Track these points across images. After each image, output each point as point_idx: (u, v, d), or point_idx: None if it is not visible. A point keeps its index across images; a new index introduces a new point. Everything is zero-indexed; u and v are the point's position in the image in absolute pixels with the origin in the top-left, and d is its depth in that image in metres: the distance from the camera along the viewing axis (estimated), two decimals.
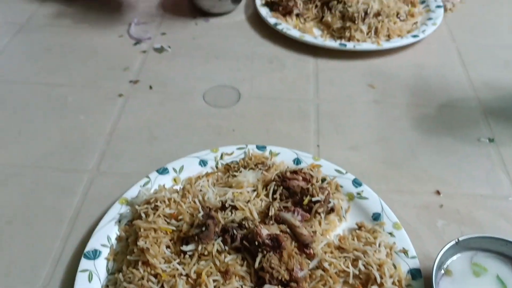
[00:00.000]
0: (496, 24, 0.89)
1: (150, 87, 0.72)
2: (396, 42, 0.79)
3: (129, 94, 0.70)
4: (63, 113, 0.66)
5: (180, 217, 0.49)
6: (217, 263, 0.44)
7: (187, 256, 0.45)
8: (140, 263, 0.45)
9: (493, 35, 0.86)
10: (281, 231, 0.47)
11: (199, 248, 0.45)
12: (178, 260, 0.45)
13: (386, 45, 0.79)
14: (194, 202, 0.50)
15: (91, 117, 0.66)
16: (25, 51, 0.79)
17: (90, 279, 0.45)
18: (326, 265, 0.45)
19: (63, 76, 0.73)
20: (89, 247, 0.47)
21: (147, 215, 0.49)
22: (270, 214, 0.48)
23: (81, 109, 0.67)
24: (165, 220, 0.49)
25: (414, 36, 0.81)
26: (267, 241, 0.45)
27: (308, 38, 0.80)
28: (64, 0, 0.91)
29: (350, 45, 0.78)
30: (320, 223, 0.50)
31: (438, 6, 0.88)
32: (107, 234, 0.49)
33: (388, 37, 0.81)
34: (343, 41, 0.80)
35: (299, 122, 0.66)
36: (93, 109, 0.67)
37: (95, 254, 0.47)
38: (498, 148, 0.63)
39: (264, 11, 0.86)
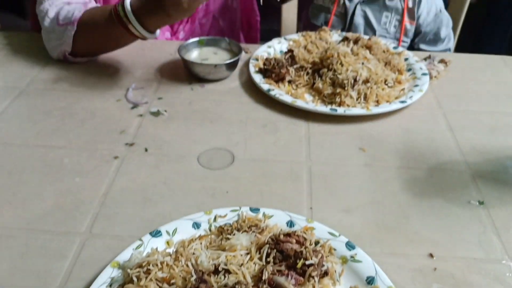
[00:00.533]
0: (479, 91, 0.93)
1: (146, 150, 0.73)
2: (384, 108, 0.82)
3: (125, 157, 0.71)
4: (58, 176, 0.67)
5: (172, 281, 0.48)
6: None
7: None
8: None
9: (477, 101, 0.90)
10: None
11: None
12: None
13: (375, 110, 0.81)
14: (187, 265, 0.50)
15: (86, 179, 0.67)
16: (24, 114, 0.81)
17: None
18: None
19: (60, 139, 0.75)
20: None
21: (139, 279, 0.48)
22: (263, 278, 0.48)
23: (76, 172, 0.68)
24: (157, 284, 0.48)
25: (402, 102, 0.84)
26: None
27: (300, 103, 0.83)
28: (64, 64, 0.95)
29: (340, 110, 0.81)
30: (314, 287, 0.49)
31: (424, 74, 0.93)
32: None
33: (377, 102, 0.84)
34: (333, 106, 0.83)
35: (292, 184, 0.67)
36: (89, 172, 0.68)
37: None
38: (488, 210, 0.63)
39: (257, 78, 0.90)
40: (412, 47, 1.22)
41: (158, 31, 0.87)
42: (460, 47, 1.28)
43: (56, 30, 0.92)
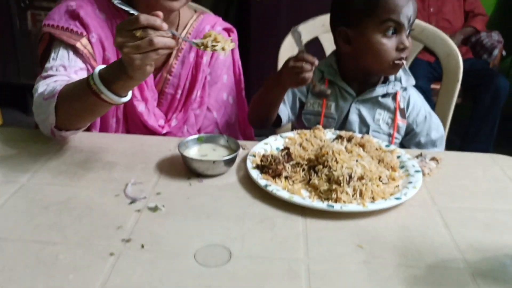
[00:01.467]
0: (472, 188, 0.95)
1: (142, 246, 0.72)
2: (380, 204, 0.83)
3: (121, 253, 0.70)
4: (52, 272, 0.66)
5: None
6: None
7: None
8: None
9: (470, 198, 0.91)
10: None
11: None
12: None
13: (371, 206, 0.83)
14: None
15: (80, 277, 0.65)
16: (22, 209, 0.81)
17: None
18: None
19: (57, 234, 0.74)
20: None
21: None
22: None
23: (71, 268, 0.67)
24: None
25: (397, 198, 0.85)
26: None
27: (297, 199, 0.84)
28: (66, 159, 0.97)
29: (337, 206, 0.82)
30: None
31: (417, 171, 0.95)
32: None
33: (373, 199, 0.85)
34: (330, 202, 0.84)
35: (291, 283, 0.66)
36: (83, 268, 0.67)
37: None
38: None
39: (255, 174, 0.92)
40: (403, 145, 1.26)
41: (129, 94, 0.93)
42: (449, 146, 1.33)
43: (43, 104, 0.98)
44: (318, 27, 1.46)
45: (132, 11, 0.87)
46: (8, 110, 3.02)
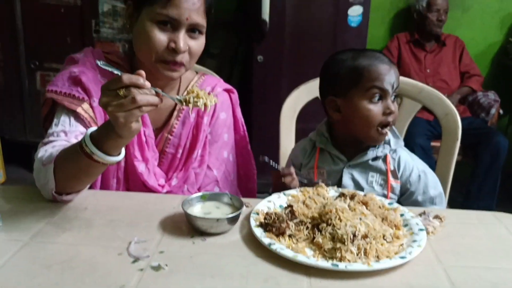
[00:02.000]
0: (476, 247, 0.94)
1: None
2: (385, 264, 0.83)
3: None
4: None
5: None
6: None
7: None
8: None
9: (475, 257, 0.90)
10: None
11: None
12: None
13: (376, 266, 0.82)
14: None
15: None
16: (25, 268, 0.80)
17: None
18: None
19: None
20: None
21: None
22: None
23: None
24: None
25: (402, 257, 0.85)
26: None
27: (301, 258, 0.83)
28: (69, 217, 0.97)
29: (342, 266, 0.81)
30: None
31: (421, 229, 0.95)
32: None
33: (377, 258, 0.85)
34: (335, 261, 0.83)
35: None
36: None
37: None
38: None
39: (258, 232, 0.92)
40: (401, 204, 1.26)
41: (122, 153, 0.97)
42: (451, 203, 1.33)
43: (42, 170, 1.01)
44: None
45: (116, 72, 0.91)
46: (13, 167, 3.04)
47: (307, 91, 1.50)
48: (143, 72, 0.88)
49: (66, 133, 1.10)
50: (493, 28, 3.26)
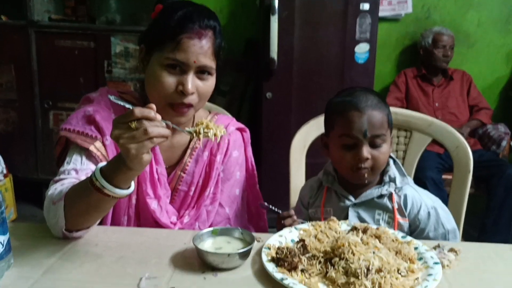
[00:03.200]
0: (494, 282, 0.92)
1: None
2: None
3: None
4: None
5: None
6: None
7: None
8: None
9: None
10: None
11: None
12: None
13: None
14: None
15: None
16: None
17: None
18: None
19: None
20: None
21: None
22: None
23: None
24: None
25: None
26: None
27: None
28: (80, 254, 0.97)
29: None
30: None
31: (436, 263, 0.93)
32: None
33: None
34: None
35: None
36: None
37: None
38: None
39: (270, 267, 0.90)
40: None
41: (132, 186, 0.97)
42: (466, 237, 1.30)
43: (52, 209, 1.02)
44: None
45: (128, 106, 0.93)
46: (25, 204, 3.06)
47: (317, 126, 1.51)
48: (153, 106, 0.91)
49: (77, 171, 1.12)
50: (499, 62, 3.29)
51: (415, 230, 1.21)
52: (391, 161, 1.26)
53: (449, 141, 1.44)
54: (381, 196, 1.22)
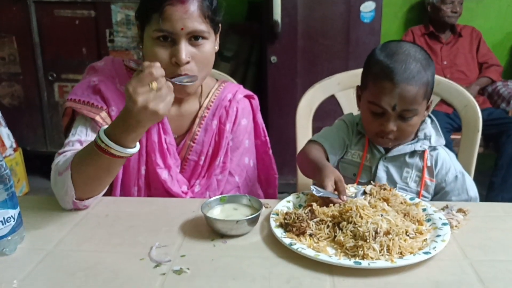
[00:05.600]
0: (504, 240, 0.92)
1: None
2: (409, 260, 0.81)
3: None
4: None
5: None
6: None
7: None
8: None
9: (503, 251, 0.88)
10: None
11: None
12: None
13: (400, 262, 0.80)
14: None
15: None
16: (49, 276, 0.81)
17: None
18: None
19: None
20: None
21: None
22: None
23: None
24: None
25: (426, 253, 0.83)
26: None
27: (323, 257, 0.82)
28: (91, 225, 0.98)
29: (364, 263, 0.80)
30: None
31: (444, 224, 0.93)
32: None
33: (401, 254, 0.83)
34: (357, 259, 0.82)
35: None
36: None
37: None
38: None
39: (278, 232, 0.91)
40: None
41: (137, 146, 0.99)
42: None
43: (58, 181, 1.03)
44: (334, 86, 1.49)
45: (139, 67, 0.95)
46: (36, 177, 3.10)
47: (323, 90, 1.49)
48: (158, 63, 0.92)
49: (82, 142, 1.11)
50: (510, 17, 3.19)
51: (439, 192, 1.21)
52: (428, 120, 1.24)
53: (457, 100, 1.41)
54: (413, 152, 1.20)
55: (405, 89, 1.08)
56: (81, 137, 1.12)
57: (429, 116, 1.24)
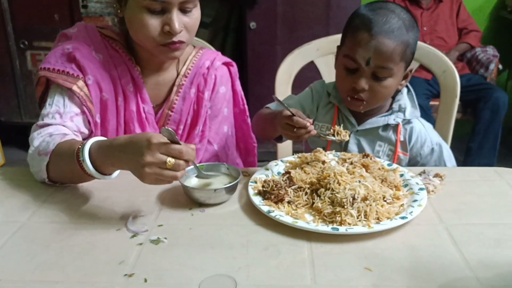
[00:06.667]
0: (478, 204, 0.93)
1: (145, 280, 0.71)
2: (386, 225, 0.82)
3: None
4: None
5: None
6: None
7: None
8: None
9: (477, 214, 0.90)
10: None
11: None
12: None
13: (377, 227, 0.81)
14: None
15: None
16: (23, 248, 0.80)
17: None
18: None
19: (58, 273, 0.73)
20: None
21: None
22: None
23: None
24: None
25: (403, 217, 0.84)
26: None
27: (301, 223, 0.82)
28: (66, 197, 0.96)
29: (342, 229, 0.81)
30: None
31: (421, 189, 0.94)
32: None
33: (378, 219, 0.84)
34: (335, 225, 0.82)
35: None
36: None
37: None
38: None
39: (257, 200, 0.91)
40: None
41: (115, 174, 0.94)
42: None
43: (36, 159, 1.00)
44: (313, 52, 1.47)
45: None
46: (11, 149, 3.03)
47: (302, 56, 1.47)
48: (193, 146, 0.86)
49: (61, 114, 1.08)
50: None
51: (414, 166, 1.19)
52: (404, 90, 1.18)
53: (436, 65, 1.41)
54: (387, 126, 1.17)
55: (382, 42, 1.03)
56: (59, 108, 1.08)
57: (406, 86, 1.19)
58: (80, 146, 0.90)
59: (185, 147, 0.83)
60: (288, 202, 0.90)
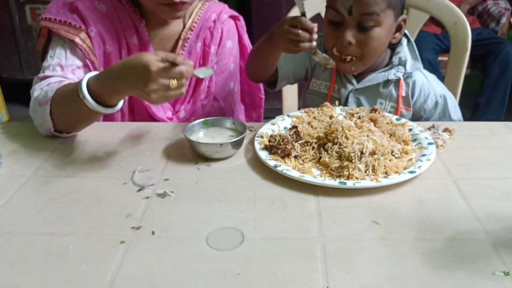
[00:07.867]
0: (487, 158, 0.92)
1: (153, 233, 0.71)
2: (394, 179, 0.81)
3: (131, 241, 0.69)
4: (63, 264, 0.65)
5: None
6: None
7: None
8: None
9: (487, 168, 0.89)
10: None
11: None
12: None
13: (385, 181, 0.80)
14: None
15: (91, 267, 0.64)
16: (30, 202, 0.80)
17: None
18: None
19: (66, 226, 0.73)
20: None
21: None
22: None
23: (82, 259, 0.65)
24: None
25: (411, 172, 0.83)
26: None
27: (308, 178, 0.82)
28: (71, 150, 0.96)
29: (350, 183, 0.80)
30: None
31: (430, 143, 0.93)
32: None
33: (386, 174, 0.83)
34: (342, 180, 0.81)
35: (306, 263, 0.64)
36: (94, 258, 0.66)
37: None
38: None
39: (263, 155, 0.90)
40: None
41: (119, 104, 0.92)
42: None
43: (38, 110, 0.98)
44: (320, 2, 1.42)
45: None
46: (15, 105, 3.02)
47: (308, 8, 1.42)
48: (191, 62, 0.85)
49: (62, 67, 1.05)
50: None
51: (418, 120, 1.16)
52: (404, 41, 1.13)
53: (447, 17, 1.36)
54: (387, 81, 1.12)
55: None
56: (61, 61, 1.06)
57: (406, 36, 1.14)
58: (77, 85, 0.89)
59: (184, 67, 0.83)
60: (295, 157, 0.89)
